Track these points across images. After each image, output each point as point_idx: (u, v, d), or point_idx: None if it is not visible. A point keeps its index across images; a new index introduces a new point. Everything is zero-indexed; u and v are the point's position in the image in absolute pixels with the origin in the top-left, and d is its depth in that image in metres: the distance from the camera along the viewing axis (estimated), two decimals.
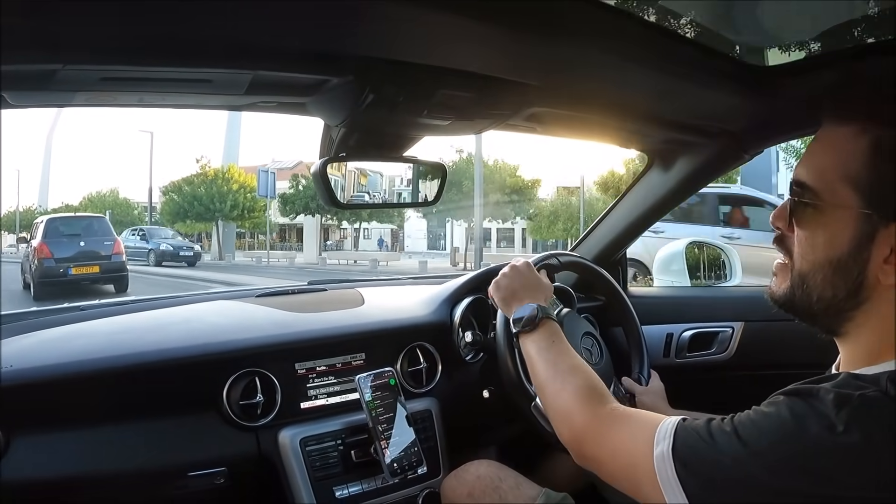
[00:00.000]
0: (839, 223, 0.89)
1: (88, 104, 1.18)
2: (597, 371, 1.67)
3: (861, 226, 0.87)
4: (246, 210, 32.41)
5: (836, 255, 0.89)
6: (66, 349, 1.55)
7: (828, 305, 0.92)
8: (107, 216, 38.19)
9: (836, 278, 0.90)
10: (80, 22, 0.88)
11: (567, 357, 1.29)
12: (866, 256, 0.87)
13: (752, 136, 1.78)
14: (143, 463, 1.50)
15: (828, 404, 0.81)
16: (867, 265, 0.87)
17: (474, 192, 21.40)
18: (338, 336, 1.83)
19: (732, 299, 2.44)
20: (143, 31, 0.93)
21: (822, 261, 0.91)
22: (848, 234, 0.88)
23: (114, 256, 14.84)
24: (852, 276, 0.89)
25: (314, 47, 1.09)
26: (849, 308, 0.91)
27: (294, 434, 1.64)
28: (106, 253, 14.75)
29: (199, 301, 2.00)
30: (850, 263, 0.88)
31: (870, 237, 0.87)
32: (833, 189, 0.89)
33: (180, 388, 1.59)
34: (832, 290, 0.91)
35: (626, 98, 1.51)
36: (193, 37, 0.98)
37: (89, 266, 14.46)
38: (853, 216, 0.88)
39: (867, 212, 0.86)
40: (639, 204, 2.19)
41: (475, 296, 2.01)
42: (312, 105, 1.32)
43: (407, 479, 1.71)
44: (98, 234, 15.05)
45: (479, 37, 1.07)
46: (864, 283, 0.88)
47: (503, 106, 1.39)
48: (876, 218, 0.86)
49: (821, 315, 0.95)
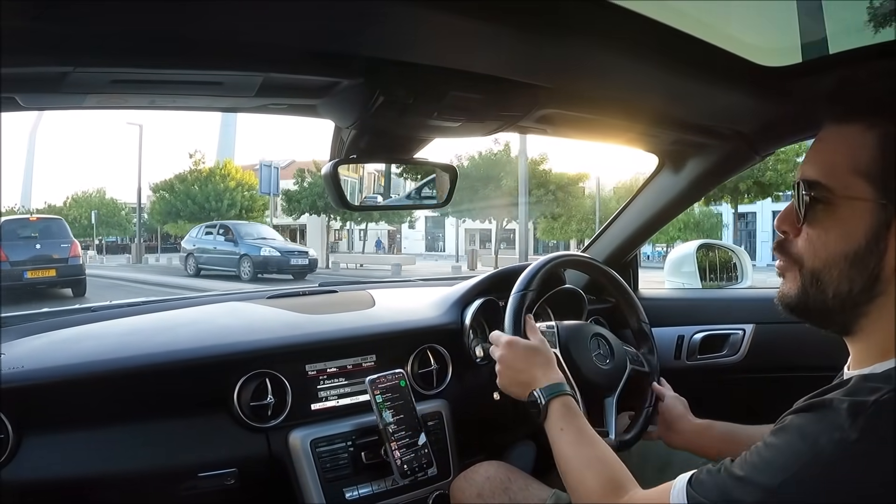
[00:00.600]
0: (854, 216, 0.89)
1: (99, 106, 1.19)
2: (607, 372, 1.68)
3: (877, 216, 0.88)
4: (244, 209, 31.35)
5: (852, 249, 0.89)
6: (76, 350, 1.55)
7: (844, 301, 0.92)
8: (93, 217, 37.84)
9: (852, 271, 0.90)
10: (90, 24, 0.88)
11: (584, 441, 1.30)
12: (883, 247, 0.88)
13: (764, 137, 1.77)
14: (153, 463, 1.51)
15: (842, 414, 0.80)
16: (884, 255, 0.88)
17: (519, 189, 20.14)
18: (348, 338, 1.83)
19: (743, 301, 2.43)
20: (154, 33, 0.94)
21: (837, 255, 0.91)
22: (864, 225, 0.88)
23: (70, 259, 14.59)
24: (869, 268, 0.89)
25: (324, 49, 1.09)
26: (864, 302, 0.91)
27: (305, 435, 1.64)
28: (62, 256, 14.49)
29: (209, 303, 2.01)
30: (867, 255, 0.89)
31: (886, 226, 0.87)
32: (845, 183, 0.90)
33: (190, 390, 1.60)
34: (849, 283, 0.91)
35: (636, 99, 1.50)
36: (204, 39, 0.98)
37: (45, 269, 14.22)
38: (868, 207, 0.88)
39: (882, 202, 0.87)
40: (650, 206, 2.18)
41: (486, 297, 2.01)
42: (323, 107, 1.32)
43: (417, 481, 1.71)
44: (55, 237, 14.78)
45: (489, 38, 1.07)
46: (881, 274, 0.89)
47: (514, 108, 1.39)
48: (891, 207, 0.87)
49: (836, 312, 0.94)
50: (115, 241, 46.92)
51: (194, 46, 1.00)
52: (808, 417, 0.85)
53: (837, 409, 0.81)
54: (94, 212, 39.67)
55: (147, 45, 0.97)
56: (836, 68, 1.32)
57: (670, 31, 1.16)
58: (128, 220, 43.65)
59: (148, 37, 0.95)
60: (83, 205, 42.60)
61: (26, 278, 13.78)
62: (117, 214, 43.11)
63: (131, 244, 39.73)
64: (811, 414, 0.85)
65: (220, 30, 0.96)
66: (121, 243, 48.81)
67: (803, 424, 0.85)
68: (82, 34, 0.91)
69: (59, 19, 0.84)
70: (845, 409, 0.80)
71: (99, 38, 0.93)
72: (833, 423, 0.81)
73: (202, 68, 1.07)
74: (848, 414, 0.80)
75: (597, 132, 1.77)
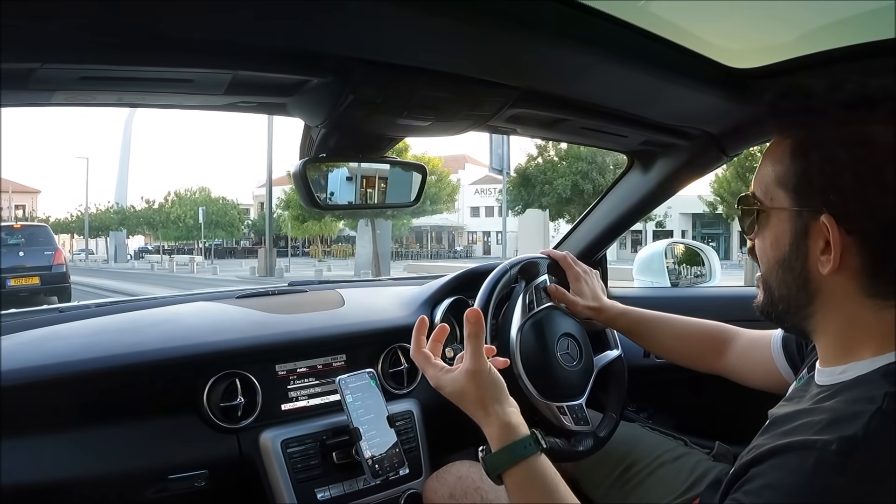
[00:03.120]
0: (779, 224, 0.95)
1: (67, 104, 1.17)
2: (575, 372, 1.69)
3: (795, 223, 0.93)
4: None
5: (782, 255, 0.95)
6: (42, 351, 1.53)
7: (787, 304, 0.97)
8: (201, 215, 35.46)
9: (785, 276, 0.95)
10: (58, 20, 0.87)
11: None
12: (804, 251, 0.92)
13: (731, 138, 1.79)
14: (122, 466, 1.49)
15: (831, 456, 0.78)
16: (808, 259, 0.92)
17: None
18: (318, 338, 1.83)
19: (712, 299, 2.45)
20: (123, 29, 0.93)
21: (773, 262, 0.97)
22: (787, 233, 0.94)
23: (55, 267, 14.50)
24: (797, 271, 0.93)
25: (294, 47, 1.09)
26: (805, 303, 0.95)
27: (275, 436, 1.64)
28: (46, 263, 14.42)
29: (178, 302, 1.99)
30: (793, 259, 0.94)
31: (804, 232, 0.91)
32: (771, 195, 0.96)
33: (159, 391, 1.59)
34: (786, 287, 0.96)
35: (605, 100, 1.52)
36: (174, 36, 0.98)
37: (28, 277, 14.19)
38: (788, 216, 0.94)
39: (796, 209, 0.92)
40: (619, 205, 2.20)
41: (455, 297, 2.01)
42: (292, 105, 1.31)
43: (389, 481, 1.71)
44: (40, 244, 14.67)
45: (459, 38, 1.08)
46: (809, 276, 0.92)
47: (483, 107, 1.40)
48: (806, 213, 0.91)
49: (785, 315, 0.99)
50: (219, 243, 43.94)
51: (164, 43, 0.99)
52: (790, 460, 0.82)
53: (825, 454, 0.78)
54: (201, 209, 37.41)
55: (116, 41, 0.96)
56: (801, 71, 1.34)
57: (639, 32, 1.18)
58: (240, 221, 41.15)
59: (116, 33, 0.94)
60: (187, 203, 40.52)
61: (9, 286, 13.71)
62: (229, 213, 40.36)
63: (236, 247, 37.56)
64: (793, 455, 0.82)
65: (189, 27, 0.96)
66: (226, 246, 45.64)
67: (787, 467, 0.81)
68: (50, 30, 0.90)
69: (26, 14, 0.82)
70: (834, 452, 0.78)
71: (67, 34, 0.92)
72: (822, 468, 0.78)
73: (172, 65, 1.06)
74: (837, 454, 0.77)
75: (567, 132, 1.77)
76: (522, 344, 1.65)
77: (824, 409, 0.87)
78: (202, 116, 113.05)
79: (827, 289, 0.92)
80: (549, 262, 1.86)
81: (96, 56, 0.98)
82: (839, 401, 0.87)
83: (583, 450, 1.65)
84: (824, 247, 0.89)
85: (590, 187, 22.02)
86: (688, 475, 1.67)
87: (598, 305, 1.73)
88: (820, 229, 0.89)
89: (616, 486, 1.74)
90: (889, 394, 0.82)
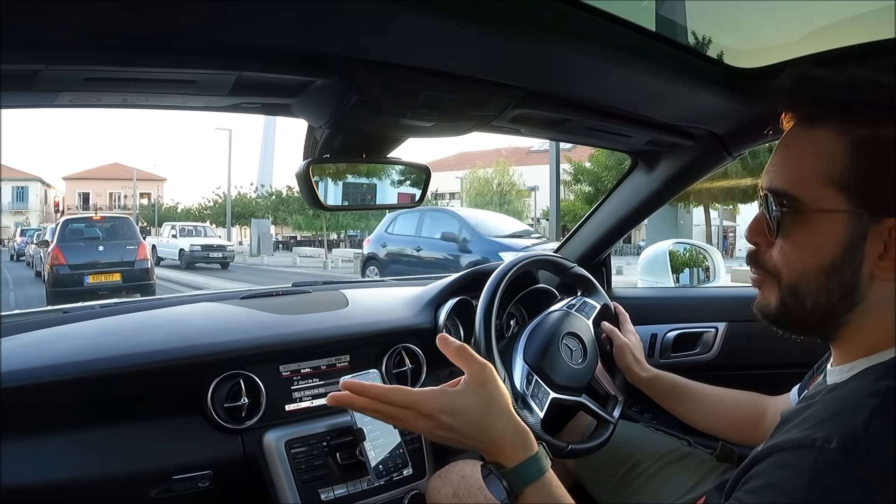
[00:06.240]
0: (828, 228, 0.87)
1: (71, 105, 1.17)
2: (582, 371, 1.69)
3: (852, 226, 0.85)
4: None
5: (828, 261, 0.87)
6: (47, 352, 1.53)
7: (823, 312, 0.90)
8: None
9: (829, 283, 0.88)
10: (64, 22, 0.87)
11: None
12: (860, 257, 0.85)
13: (736, 138, 1.79)
14: (126, 467, 1.49)
15: (831, 454, 0.76)
16: (861, 265, 0.86)
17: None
18: (322, 338, 1.83)
19: (716, 300, 2.45)
20: (127, 30, 0.93)
21: (814, 269, 0.88)
22: (839, 237, 0.86)
23: (137, 262, 13.42)
24: (846, 279, 0.87)
25: (298, 48, 1.09)
26: (843, 312, 0.89)
27: (279, 436, 1.64)
28: (128, 259, 13.39)
29: (182, 303, 1.99)
30: (844, 266, 0.86)
31: (862, 236, 0.85)
32: (817, 194, 0.87)
33: (163, 391, 1.59)
34: (826, 295, 0.88)
35: (608, 100, 1.51)
36: (178, 37, 0.98)
37: (108, 273, 13.02)
38: (842, 219, 0.85)
39: (857, 212, 0.85)
40: (623, 205, 2.19)
41: (459, 297, 2.01)
42: (296, 106, 1.31)
43: (392, 481, 1.71)
44: (121, 238, 13.65)
45: (463, 38, 1.08)
46: (859, 283, 0.87)
47: (487, 108, 1.39)
48: (866, 217, 0.84)
49: (815, 323, 0.92)
50: (355, 235, 38.07)
51: (168, 44, 0.99)
52: (787, 461, 0.80)
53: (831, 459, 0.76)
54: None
55: (120, 42, 0.96)
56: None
57: (644, 32, 1.17)
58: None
59: (121, 34, 0.94)
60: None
61: (87, 283, 12.78)
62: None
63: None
64: (791, 454, 0.80)
65: (193, 28, 0.96)
66: (360, 238, 35.59)
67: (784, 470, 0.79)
68: (56, 31, 0.90)
69: (31, 16, 0.83)
70: (834, 451, 0.76)
71: (71, 36, 0.92)
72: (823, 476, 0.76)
73: (176, 67, 1.06)
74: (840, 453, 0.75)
75: (571, 132, 1.77)
76: (528, 348, 1.70)
77: (826, 402, 0.85)
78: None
79: (872, 296, 0.87)
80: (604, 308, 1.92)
81: (101, 58, 0.98)
82: (841, 392, 0.86)
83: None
84: (882, 251, 0.84)
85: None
86: (692, 475, 1.67)
87: (638, 367, 1.77)
88: (880, 233, 0.84)
89: (620, 486, 1.74)
90: (891, 387, 0.80)
